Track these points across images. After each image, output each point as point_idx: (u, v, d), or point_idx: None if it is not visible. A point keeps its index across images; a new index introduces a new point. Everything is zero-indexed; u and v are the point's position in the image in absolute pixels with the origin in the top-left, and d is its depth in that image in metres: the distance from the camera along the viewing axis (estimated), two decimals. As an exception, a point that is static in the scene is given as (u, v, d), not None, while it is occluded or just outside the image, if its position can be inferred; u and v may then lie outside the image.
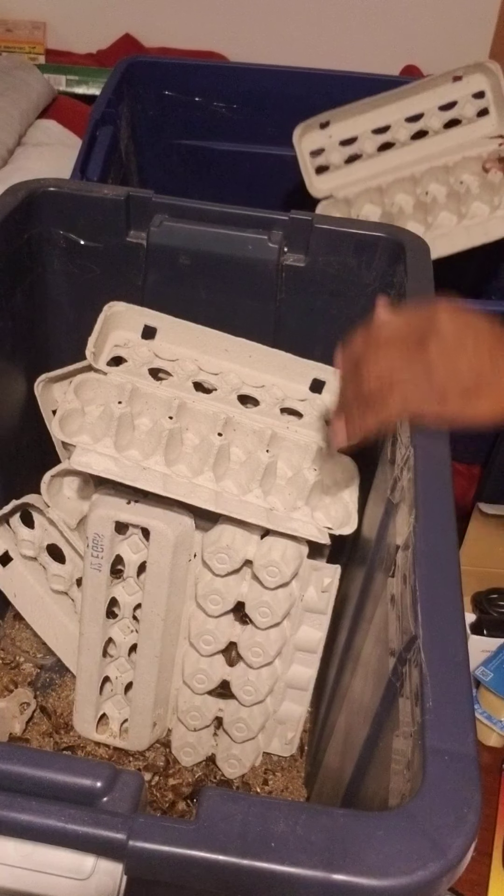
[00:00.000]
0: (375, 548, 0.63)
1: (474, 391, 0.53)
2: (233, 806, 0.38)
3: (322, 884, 0.36)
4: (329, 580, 0.74)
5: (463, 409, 0.53)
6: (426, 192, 1.09)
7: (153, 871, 0.37)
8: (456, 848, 0.37)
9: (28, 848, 0.38)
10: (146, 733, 0.81)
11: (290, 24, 1.85)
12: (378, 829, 0.37)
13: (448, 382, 0.53)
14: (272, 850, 0.36)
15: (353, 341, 0.58)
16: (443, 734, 0.40)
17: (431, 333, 0.54)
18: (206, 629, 0.75)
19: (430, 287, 0.73)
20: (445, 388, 0.53)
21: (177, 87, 1.25)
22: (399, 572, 0.52)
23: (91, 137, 1.09)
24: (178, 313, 0.81)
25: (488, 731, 0.85)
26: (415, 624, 0.45)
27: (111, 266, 0.85)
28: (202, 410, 0.75)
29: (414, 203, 1.10)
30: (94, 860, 0.38)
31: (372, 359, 0.55)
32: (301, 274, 0.82)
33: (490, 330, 0.55)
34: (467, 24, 1.88)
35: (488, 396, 0.53)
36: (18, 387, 0.85)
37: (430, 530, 0.50)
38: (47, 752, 0.58)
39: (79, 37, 1.88)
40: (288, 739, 0.83)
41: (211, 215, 0.81)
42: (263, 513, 0.71)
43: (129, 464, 0.72)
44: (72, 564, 0.83)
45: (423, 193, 1.09)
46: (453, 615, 0.45)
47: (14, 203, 0.78)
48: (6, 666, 0.89)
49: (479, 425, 0.54)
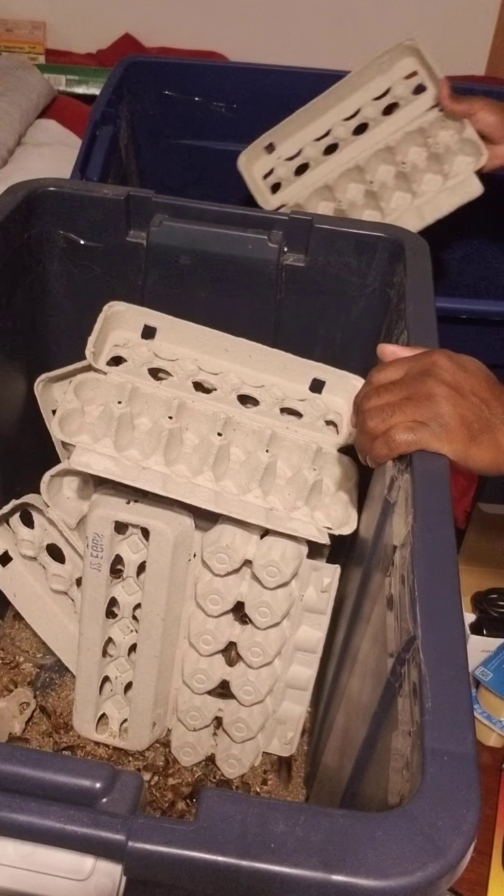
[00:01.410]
0: (373, 547, 0.63)
1: (474, 438, 0.54)
2: (232, 807, 0.38)
3: (321, 884, 0.36)
4: (329, 580, 0.74)
5: (467, 453, 0.55)
6: (371, 181, 1.08)
7: (152, 872, 0.37)
8: (455, 848, 0.37)
9: (27, 848, 0.38)
10: (146, 733, 0.81)
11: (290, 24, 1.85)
12: (377, 830, 0.37)
13: (453, 424, 0.54)
14: (271, 850, 0.36)
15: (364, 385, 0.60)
16: (442, 734, 0.40)
17: (430, 375, 0.55)
18: (205, 629, 0.75)
19: (429, 287, 0.73)
20: (452, 429, 0.54)
21: (177, 87, 1.25)
22: (397, 572, 0.52)
23: (91, 137, 1.09)
24: (178, 313, 0.81)
25: (488, 731, 0.85)
26: (413, 624, 0.45)
27: (111, 266, 0.85)
28: (202, 410, 0.75)
29: (364, 191, 1.09)
30: (93, 861, 0.38)
31: (374, 398, 0.56)
32: (301, 274, 0.82)
33: (487, 378, 0.57)
34: (467, 24, 1.89)
35: (488, 447, 0.55)
36: (18, 387, 0.85)
37: (427, 530, 0.50)
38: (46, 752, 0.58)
39: (79, 37, 1.88)
40: (287, 739, 0.83)
41: (211, 215, 0.81)
42: (263, 513, 0.71)
43: (128, 464, 0.72)
44: (71, 564, 0.83)
45: (370, 182, 1.08)
46: (452, 615, 0.45)
47: (14, 203, 0.78)
48: (6, 666, 0.89)
49: (480, 471, 0.55)
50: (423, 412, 0.54)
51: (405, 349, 0.61)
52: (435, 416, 0.54)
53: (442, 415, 0.54)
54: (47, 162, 1.39)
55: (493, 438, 0.54)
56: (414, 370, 0.57)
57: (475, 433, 0.54)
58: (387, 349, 0.62)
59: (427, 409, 0.54)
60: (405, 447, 0.54)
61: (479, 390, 0.55)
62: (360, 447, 0.59)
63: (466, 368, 0.56)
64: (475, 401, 0.55)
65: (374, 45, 1.10)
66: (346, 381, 0.80)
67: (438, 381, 0.55)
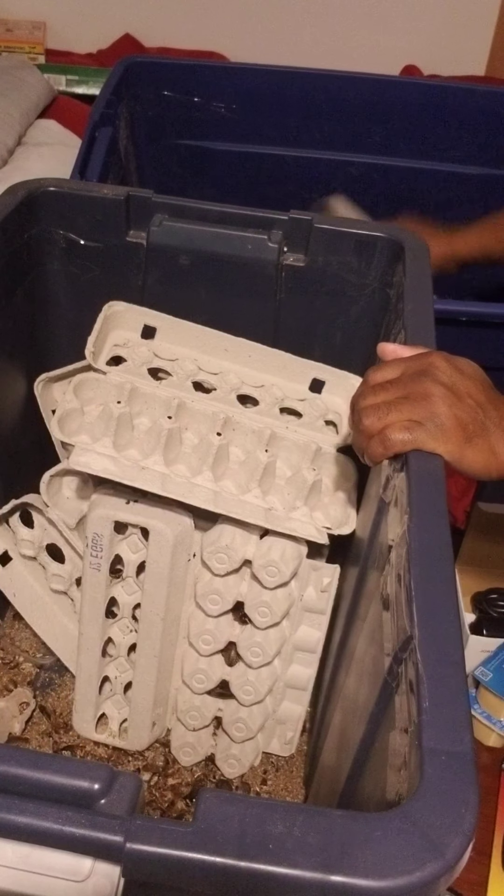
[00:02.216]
0: (369, 547, 0.63)
1: (469, 440, 0.54)
2: (230, 808, 0.38)
3: (320, 885, 0.36)
4: (328, 580, 0.74)
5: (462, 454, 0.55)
6: None
7: (151, 874, 0.37)
8: (454, 848, 0.36)
9: (25, 850, 0.38)
10: (145, 733, 0.81)
11: (290, 24, 1.85)
12: (376, 830, 0.37)
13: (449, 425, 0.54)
14: (270, 851, 0.36)
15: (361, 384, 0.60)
16: (439, 734, 0.40)
17: (426, 375, 0.55)
18: (205, 629, 0.75)
19: (428, 287, 0.73)
20: (447, 430, 0.54)
21: (176, 87, 1.25)
22: (393, 571, 0.52)
23: (90, 137, 1.09)
24: (178, 313, 0.81)
25: (487, 731, 0.85)
26: (410, 623, 0.45)
27: (111, 266, 0.85)
28: (201, 410, 0.75)
29: None
30: (91, 862, 0.38)
31: (370, 397, 0.56)
32: (301, 274, 0.82)
33: (483, 381, 0.57)
34: (467, 24, 1.89)
35: (482, 450, 0.55)
36: (18, 387, 0.85)
37: (423, 529, 0.50)
38: (45, 753, 0.58)
39: (79, 37, 1.88)
40: (287, 739, 0.83)
41: (211, 215, 0.81)
42: (262, 513, 0.71)
43: (127, 463, 0.72)
44: (71, 564, 0.83)
45: None
46: (449, 614, 0.45)
47: (14, 203, 0.78)
48: (6, 666, 0.89)
49: (473, 475, 0.55)
50: (419, 412, 0.54)
51: (405, 348, 0.61)
52: (431, 415, 0.54)
53: (438, 415, 0.54)
54: (47, 162, 1.39)
55: (487, 441, 0.54)
56: (410, 370, 0.57)
57: (470, 435, 0.54)
58: (387, 348, 0.62)
59: (423, 409, 0.54)
60: (400, 446, 0.54)
61: (475, 393, 0.55)
62: (356, 446, 0.59)
63: (463, 371, 0.56)
64: (471, 403, 0.55)
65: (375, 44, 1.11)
66: (345, 381, 0.80)
67: (435, 382, 0.54)
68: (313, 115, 1.24)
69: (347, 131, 1.28)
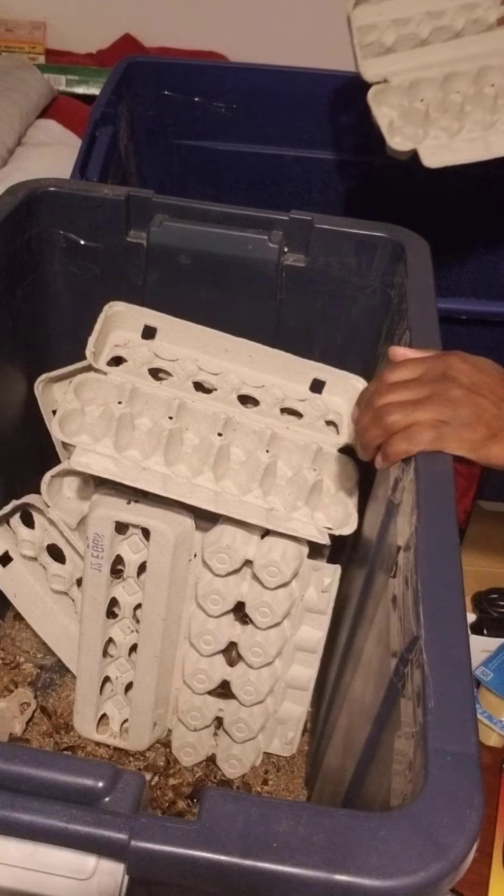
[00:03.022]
0: (376, 548, 0.63)
1: (494, 436, 0.55)
2: (234, 806, 0.38)
3: (324, 884, 0.36)
4: (329, 580, 0.74)
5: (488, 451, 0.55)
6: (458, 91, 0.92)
7: (155, 872, 0.37)
8: (458, 848, 0.36)
9: (29, 848, 0.38)
10: (146, 733, 0.81)
11: (290, 24, 1.85)
12: (380, 830, 0.37)
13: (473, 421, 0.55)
14: (274, 850, 0.36)
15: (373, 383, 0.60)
16: (445, 735, 0.40)
17: (447, 378, 0.56)
18: (206, 629, 0.75)
19: (430, 287, 0.73)
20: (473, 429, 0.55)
21: (177, 87, 1.24)
22: (401, 573, 0.52)
23: (91, 137, 1.09)
24: (178, 313, 0.81)
25: (488, 731, 0.85)
26: (416, 625, 0.45)
27: (111, 266, 0.85)
28: (202, 410, 0.75)
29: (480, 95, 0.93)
30: (95, 860, 0.38)
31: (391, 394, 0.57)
32: (301, 274, 0.82)
33: (502, 376, 0.58)
34: (467, 24, 1.88)
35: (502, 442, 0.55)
36: (18, 387, 0.85)
37: (431, 531, 0.50)
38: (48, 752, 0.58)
39: (79, 37, 1.88)
40: (288, 739, 0.83)
41: (211, 215, 0.81)
42: (263, 513, 0.71)
43: (128, 464, 0.72)
44: (72, 564, 0.83)
45: (456, 93, 0.93)
46: (455, 616, 0.45)
47: (14, 203, 0.78)
48: (6, 666, 0.89)
49: (500, 468, 0.56)
50: (445, 412, 0.55)
51: (417, 352, 0.61)
52: (456, 416, 0.55)
53: (463, 416, 0.55)
54: (47, 162, 1.39)
55: None
56: (431, 372, 0.58)
57: (495, 431, 0.55)
58: (398, 351, 0.62)
59: (449, 410, 0.55)
60: (427, 444, 0.55)
61: (497, 389, 0.57)
62: (368, 442, 0.59)
63: (482, 369, 0.57)
64: (493, 399, 0.56)
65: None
66: (346, 381, 0.80)
67: (457, 384, 0.56)
68: (314, 115, 1.24)
69: (348, 131, 1.28)
